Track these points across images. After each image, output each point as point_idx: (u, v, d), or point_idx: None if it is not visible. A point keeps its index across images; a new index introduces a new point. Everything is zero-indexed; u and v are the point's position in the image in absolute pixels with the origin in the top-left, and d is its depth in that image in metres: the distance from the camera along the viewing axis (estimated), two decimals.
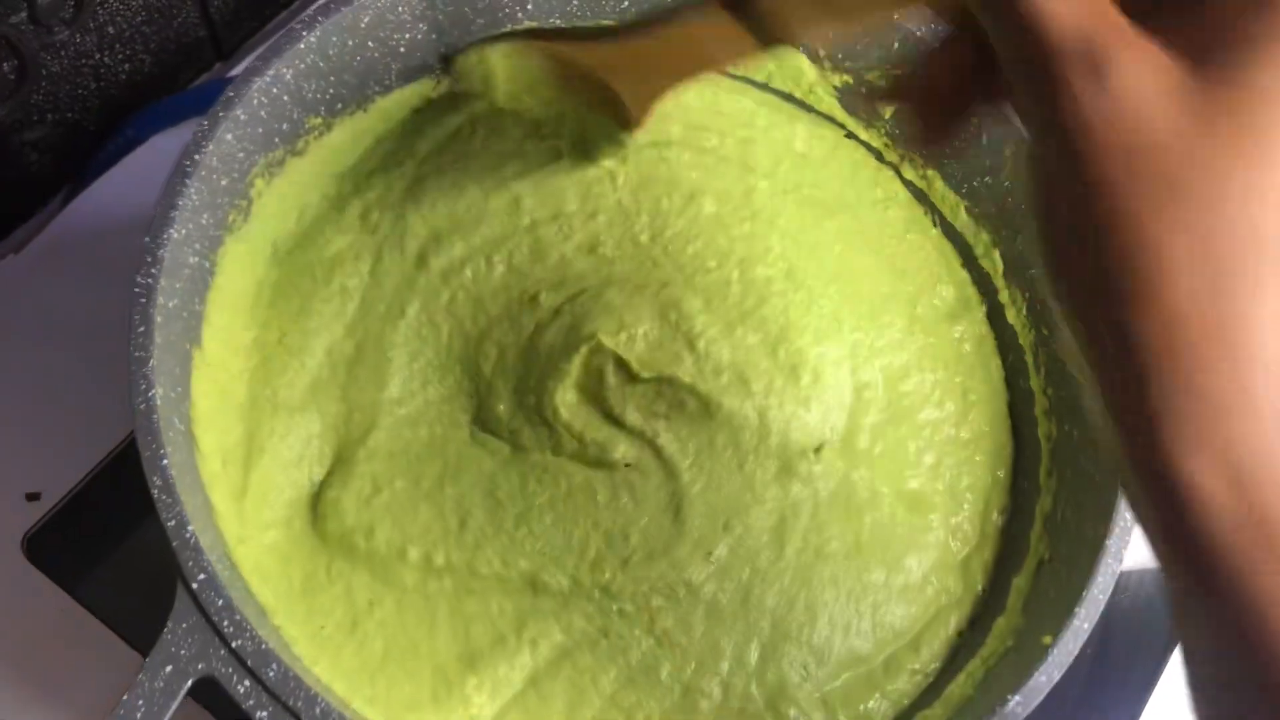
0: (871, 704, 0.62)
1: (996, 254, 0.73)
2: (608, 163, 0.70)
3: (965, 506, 0.68)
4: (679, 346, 0.64)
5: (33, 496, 0.75)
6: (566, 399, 0.63)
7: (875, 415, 0.68)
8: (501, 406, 0.64)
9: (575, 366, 0.63)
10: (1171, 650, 0.77)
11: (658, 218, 0.69)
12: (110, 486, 0.72)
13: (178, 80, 0.95)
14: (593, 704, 0.60)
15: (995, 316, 0.74)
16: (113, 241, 0.78)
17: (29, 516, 0.72)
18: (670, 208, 0.70)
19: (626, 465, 0.63)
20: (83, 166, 0.92)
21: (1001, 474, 0.70)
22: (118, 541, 0.70)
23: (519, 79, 0.69)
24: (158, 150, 0.86)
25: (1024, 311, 0.72)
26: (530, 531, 0.62)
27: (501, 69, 0.69)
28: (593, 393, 0.63)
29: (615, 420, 0.63)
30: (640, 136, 0.70)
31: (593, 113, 0.68)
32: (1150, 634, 0.77)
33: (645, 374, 0.63)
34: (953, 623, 0.65)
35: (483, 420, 0.65)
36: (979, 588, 0.66)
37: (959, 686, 0.61)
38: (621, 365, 0.63)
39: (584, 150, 0.69)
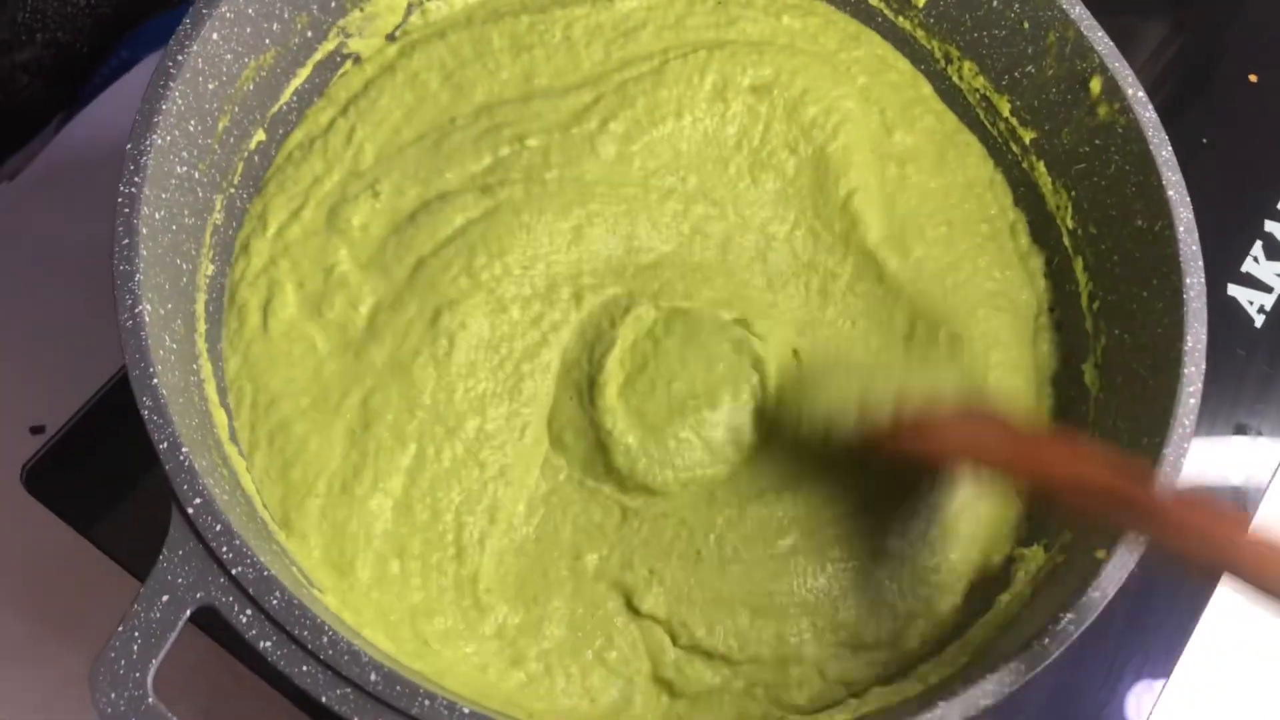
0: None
1: (1036, 155, 0.69)
2: None
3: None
4: None
5: (37, 429, 0.73)
6: None
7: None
8: None
9: None
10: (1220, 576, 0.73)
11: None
12: (110, 416, 0.69)
13: None
14: None
15: (1039, 216, 0.70)
16: (108, 167, 0.75)
17: (29, 448, 0.69)
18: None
19: None
20: (76, 91, 0.89)
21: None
22: (119, 472, 0.68)
23: None
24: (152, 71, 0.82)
25: (1069, 211, 0.67)
26: None
27: None
28: None
29: None
30: None
31: None
32: None
33: None
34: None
35: None
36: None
37: (1004, 607, 0.57)
38: None
39: None
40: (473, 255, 0.62)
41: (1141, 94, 0.62)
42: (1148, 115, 0.62)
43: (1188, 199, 0.60)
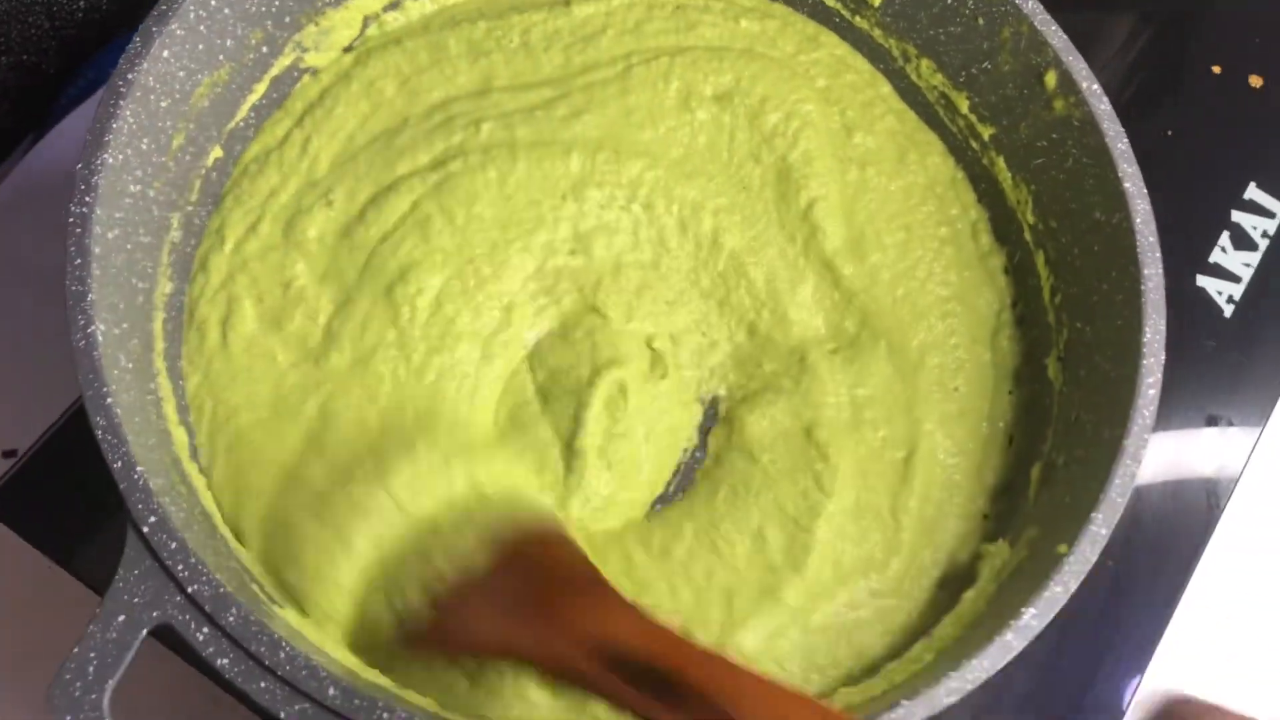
0: None
1: (995, 151, 0.69)
2: None
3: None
4: None
5: (9, 453, 0.72)
6: None
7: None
8: None
9: None
10: (1195, 565, 0.73)
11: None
12: (77, 439, 0.69)
13: (138, 16, 0.91)
14: None
15: (1001, 212, 0.69)
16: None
17: None
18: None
19: None
20: (44, 112, 0.88)
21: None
22: (87, 494, 0.67)
23: None
24: None
25: (1029, 206, 0.67)
26: None
27: None
28: None
29: None
30: None
31: None
32: (1173, 549, 0.74)
33: None
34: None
35: None
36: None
37: (970, 604, 0.57)
38: None
39: None
40: (427, 224, 0.62)
41: (1096, 87, 0.62)
42: (1103, 108, 0.62)
43: (1144, 191, 0.60)
